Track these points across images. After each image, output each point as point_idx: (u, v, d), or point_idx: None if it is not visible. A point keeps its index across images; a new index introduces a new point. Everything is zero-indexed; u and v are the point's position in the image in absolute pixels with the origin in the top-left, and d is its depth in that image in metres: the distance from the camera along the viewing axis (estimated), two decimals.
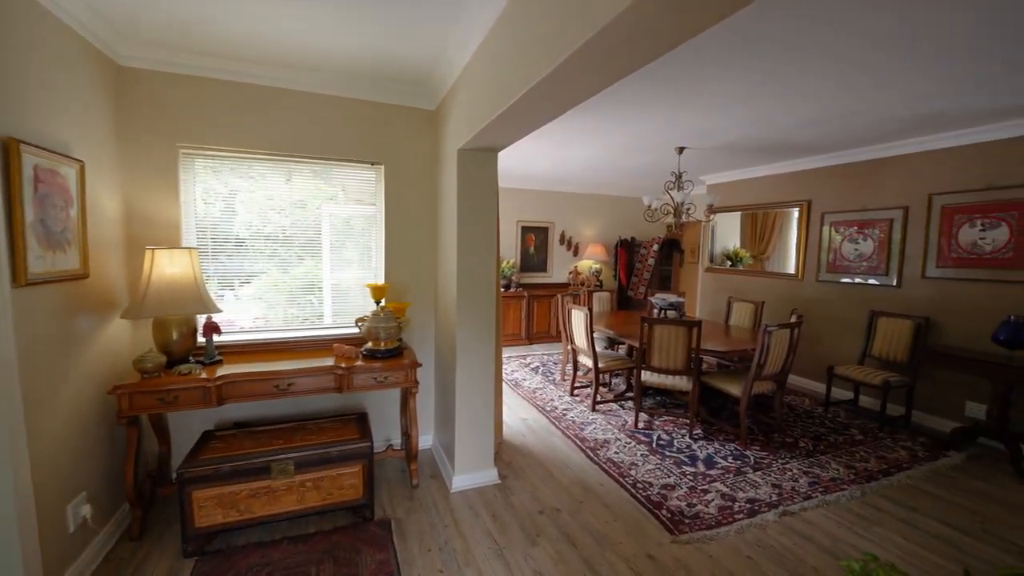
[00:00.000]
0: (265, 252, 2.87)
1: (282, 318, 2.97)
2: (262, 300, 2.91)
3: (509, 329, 6.52)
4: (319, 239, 3.01)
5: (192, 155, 2.61)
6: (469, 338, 2.63)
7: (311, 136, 2.79)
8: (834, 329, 4.53)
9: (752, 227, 5.47)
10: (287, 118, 2.73)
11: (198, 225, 2.68)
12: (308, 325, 3.01)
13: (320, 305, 3.05)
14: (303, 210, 2.95)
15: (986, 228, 3.49)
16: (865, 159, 4.24)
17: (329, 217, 3.05)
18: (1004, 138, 3.37)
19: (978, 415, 3.50)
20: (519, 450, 3.22)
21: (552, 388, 4.58)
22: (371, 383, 2.52)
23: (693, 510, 2.50)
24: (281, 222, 2.91)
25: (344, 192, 3.04)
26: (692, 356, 3.39)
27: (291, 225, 2.93)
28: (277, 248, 2.91)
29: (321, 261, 3.01)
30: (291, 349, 2.80)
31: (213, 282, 2.74)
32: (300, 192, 2.92)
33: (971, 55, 2.23)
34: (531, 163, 5.36)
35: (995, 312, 3.41)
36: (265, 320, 2.93)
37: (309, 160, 2.86)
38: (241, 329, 2.86)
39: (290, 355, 2.68)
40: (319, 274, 3.03)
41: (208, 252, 2.70)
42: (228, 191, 2.75)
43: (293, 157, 2.81)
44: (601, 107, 3.13)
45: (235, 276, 2.82)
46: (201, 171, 2.65)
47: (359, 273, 3.10)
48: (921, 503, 2.64)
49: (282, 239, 2.92)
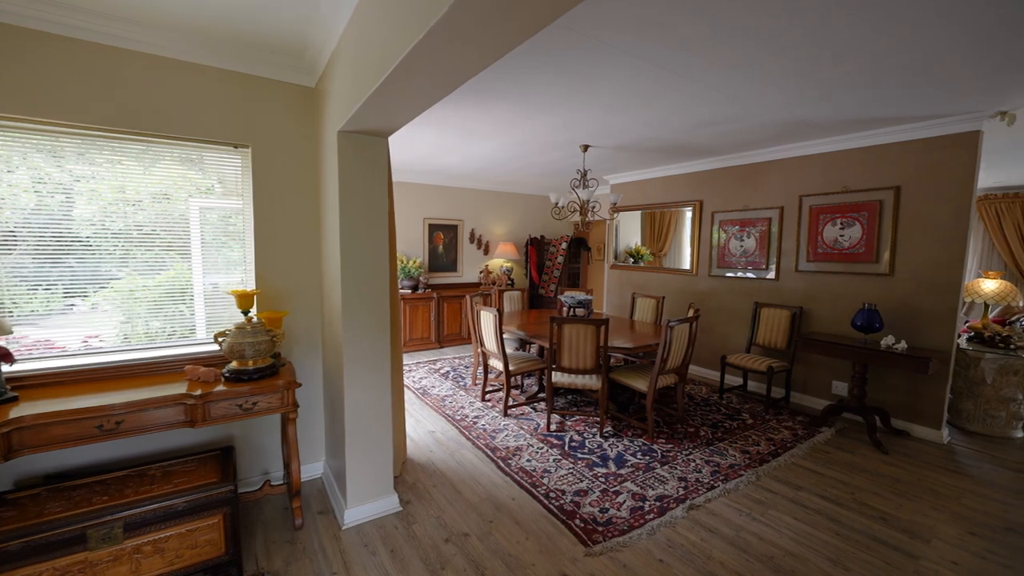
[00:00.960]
0: (115, 254, 2.32)
1: (143, 333, 2.42)
2: (119, 311, 2.36)
3: (417, 333, 6.15)
4: (187, 237, 2.50)
5: (8, 129, 1.99)
6: (358, 349, 2.29)
7: (161, 111, 2.26)
8: (725, 320, 4.86)
9: (652, 225, 5.72)
10: (128, 86, 2.17)
11: (27, 220, 2.08)
12: (176, 340, 2.49)
13: (191, 316, 2.54)
14: (167, 203, 2.43)
15: (844, 227, 3.93)
16: (748, 162, 4.59)
17: (200, 211, 2.54)
18: (856, 147, 3.81)
19: (842, 393, 3.94)
20: (425, 468, 2.93)
21: (463, 394, 4.34)
22: (235, 412, 2.08)
23: (606, 515, 2.42)
24: (136, 218, 2.37)
25: (221, 184, 2.56)
26: (600, 354, 3.36)
27: (150, 221, 2.39)
28: (132, 249, 2.36)
29: (191, 264, 2.51)
30: (137, 375, 2.24)
31: (57, 290, 2.16)
32: (161, 182, 2.39)
33: (835, 70, 2.41)
34: (436, 157, 5.06)
35: (853, 300, 3.85)
36: (100, 339, 2.33)
37: (156, 140, 2.31)
38: (65, 352, 2.23)
39: (132, 382, 2.12)
40: (189, 279, 2.51)
41: (48, 253, 2.14)
42: (72, 178, 2.18)
43: (133, 136, 2.24)
44: (509, 96, 2.96)
45: (89, 283, 2.26)
46: (23, 151, 2.05)
47: (243, 277, 2.62)
48: (805, 480, 2.84)
49: (137, 238, 2.37)
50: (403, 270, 6.13)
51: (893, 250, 3.64)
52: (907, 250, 3.58)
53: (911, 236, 3.56)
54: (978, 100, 2.89)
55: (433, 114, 3.45)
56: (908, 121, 3.37)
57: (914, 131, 3.46)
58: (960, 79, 2.55)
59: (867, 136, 3.69)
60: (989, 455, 3.27)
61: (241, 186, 2.61)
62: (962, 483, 2.85)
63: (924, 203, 3.49)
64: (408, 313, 6.05)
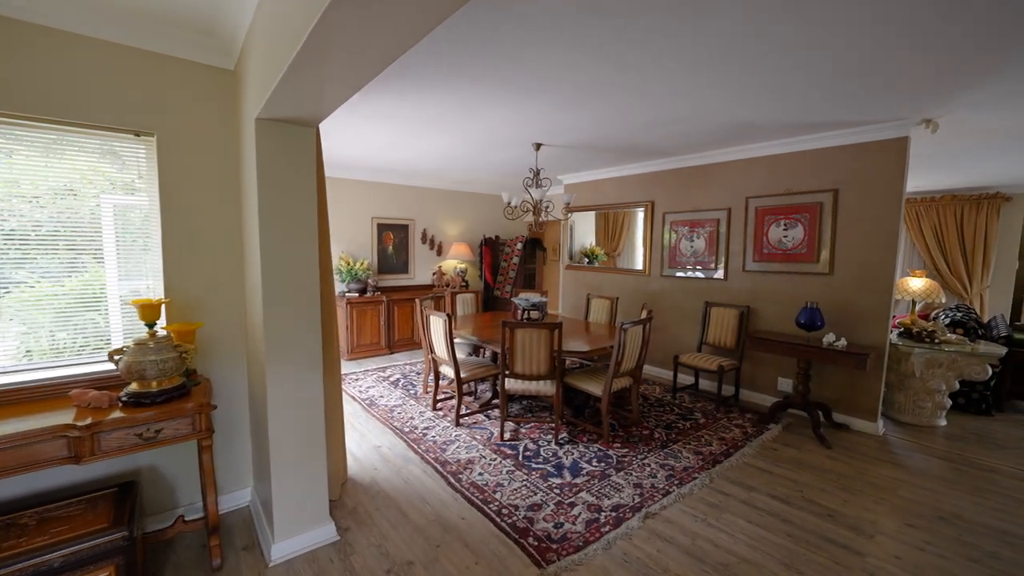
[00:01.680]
0: (10, 255, 2.00)
1: (48, 347, 2.09)
2: (19, 322, 2.03)
3: (366, 339, 5.84)
4: (99, 238, 2.20)
5: None
6: (284, 362, 2.03)
7: (44, 90, 1.91)
8: (677, 320, 4.90)
9: (606, 226, 5.71)
10: (10, 61, 1.82)
11: None
12: (88, 356, 2.17)
13: (106, 326, 2.23)
14: (74, 200, 2.12)
15: (787, 227, 4.04)
16: (697, 164, 4.64)
17: (115, 209, 2.23)
18: (798, 150, 3.92)
19: (788, 389, 4.05)
20: (368, 489, 2.71)
21: (413, 403, 4.12)
22: (134, 442, 1.78)
23: (561, 531, 2.30)
24: (35, 215, 2.04)
25: (142, 179, 2.26)
26: (555, 359, 3.25)
27: (50, 219, 2.07)
28: (31, 251, 2.04)
29: (104, 268, 2.21)
30: (34, 399, 1.90)
31: None
32: (66, 175, 2.08)
33: (778, 77, 2.42)
34: (385, 153, 4.80)
35: (797, 299, 3.97)
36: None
37: (33, 125, 1.95)
38: None
39: (21, 409, 1.79)
40: (103, 284, 2.20)
41: None
42: None
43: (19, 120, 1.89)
44: (458, 89, 2.78)
45: None
46: None
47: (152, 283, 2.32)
48: (756, 480, 2.85)
49: (35, 239, 2.05)
50: (349, 272, 5.79)
51: (832, 250, 3.78)
52: (845, 250, 3.72)
53: (848, 237, 3.70)
54: (906, 107, 3.02)
55: (379, 108, 3.22)
56: (845, 126, 3.49)
57: (850, 136, 3.59)
58: (890, 86, 2.63)
59: (808, 140, 3.80)
60: (919, 444, 3.45)
61: (148, 180, 2.29)
62: (898, 474, 2.97)
63: (859, 205, 3.63)
64: (355, 318, 5.72)
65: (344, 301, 5.66)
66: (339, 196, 5.98)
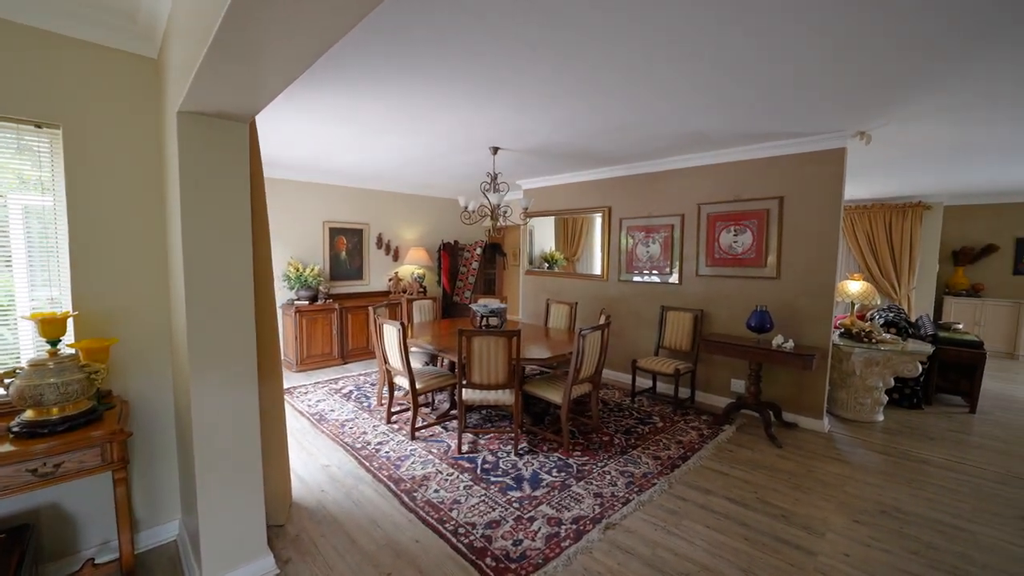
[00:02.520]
0: None
1: None
2: None
3: (317, 349, 5.54)
4: (7, 242, 1.94)
5: None
6: (212, 372, 1.83)
7: None
8: (634, 324, 4.96)
9: (565, 230, 5.71)
10: None
11: None
12: None
13: (15, 340, 1.98)
14: None
15: (737, 233, 4.17)
16: (652, 171, 4.73)
17: (25, 210, 1.98)
18: (747, 159, 4.06)
19: (740, 390, 4.16)
20: (314, 514, 2.51)
21: (367, 417, 3.92)
22: (25, 480, 1.54)
23: (520, 548, 2.21)
24: None
25: (53, 176, 2.00)
26: (513, 366, 3.17)
27: None
28: None
29: (13, 276, 1.96)
30: None
31: None
32: None
33: (723, 88, 2.47)
34: (337, 154, 4.58)
35: (747, 303, 4.09)
36: None
37: None
38: None
39: None
40: (11, 295, 1.96)
41: None
42: None
43: None
44: (414, 91, 2.66)
45: None
46: None
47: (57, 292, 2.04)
48: (713, 483, 2.88)
49: None
50: (299, 279, 5.49)
51: (779, 255, 3.92)
52: (790, 255, 3.87)
53: (793, 242, 3.85)
54: (842, 120, 3.18)
55: (331, 108, 3.06)
56: (789, 136, 3.64)
57: (794, 146, 3.75)
58: (826, 99, 2.76)
59: (756, 149, 3.94)
60: (861, 439, 3.62)
61: (53, 178, 2.03)
62: (843, 470, 3.09)
63: (803, 212, 3.79)
64: (305, 327, 5.42)
65: (293, 309, 5.35)
66: (287, 198, 5.67)
